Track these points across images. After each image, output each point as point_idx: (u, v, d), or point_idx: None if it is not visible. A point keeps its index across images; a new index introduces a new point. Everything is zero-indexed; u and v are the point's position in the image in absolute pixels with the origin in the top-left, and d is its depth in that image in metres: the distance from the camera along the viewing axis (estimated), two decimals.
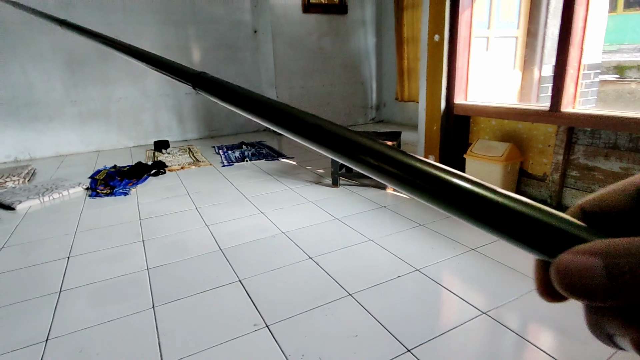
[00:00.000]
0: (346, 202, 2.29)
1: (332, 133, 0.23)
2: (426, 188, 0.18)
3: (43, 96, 3.76)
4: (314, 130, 0.24)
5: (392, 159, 0.20)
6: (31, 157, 3.84)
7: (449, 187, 0.18)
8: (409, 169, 0.19)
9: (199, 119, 4.57)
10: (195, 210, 2.26)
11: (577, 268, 0.13)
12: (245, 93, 0.31)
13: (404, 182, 0.19)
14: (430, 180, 0.18)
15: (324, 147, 0.23)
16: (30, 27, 3.58)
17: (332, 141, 0.23)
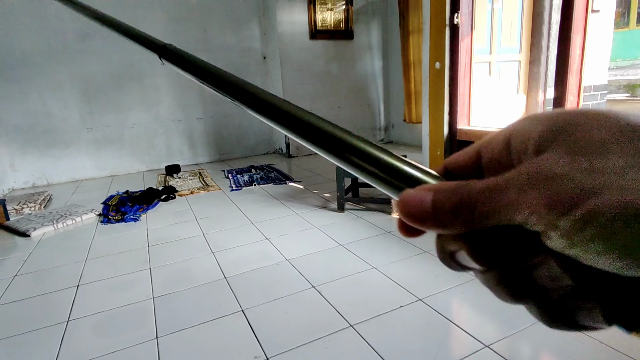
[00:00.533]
0: (351, 227, 2.29)
1: (273, 105, 0.25)
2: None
3: (60, 123, 3.91)
4: (264, 105, 0.26)
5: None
6: (48, 183, 3.96)
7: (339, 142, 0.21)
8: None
9: (210, 143, 4.67)
10: (202, 236, 2.29)
11: (413, 199, 0.17)
12: (207, 66, 0.33)
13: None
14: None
15: (269, 119, 0.25)
16: (49, 57, 3.76)
17: (274, 113, 0.25)
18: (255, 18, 4.61)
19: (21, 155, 3.80)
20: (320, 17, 4.50)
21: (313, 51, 4.55)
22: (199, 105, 4.51)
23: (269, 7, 4.44)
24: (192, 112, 4.51)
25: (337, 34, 4.63)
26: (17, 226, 2.57)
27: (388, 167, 0.19)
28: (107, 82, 4.02)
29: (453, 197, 0.16)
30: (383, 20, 4.90)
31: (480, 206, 0.15)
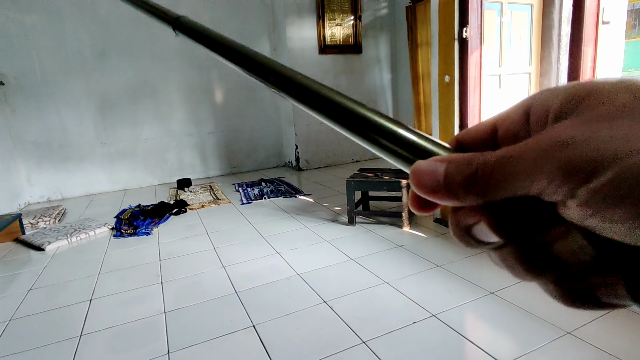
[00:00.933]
0: (362, 241, 2.28)
1: (291, 79, 0.25)
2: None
3: (76, 138, 4.00)
4: (280, 78, 0.27)
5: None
6: (63, 197, 4.03)
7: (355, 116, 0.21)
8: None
9: (221, 156, 4.72)
10: (213, 250, 2.30)
11: (425, 169, 0.17)
12: (221, 38, 0.34)
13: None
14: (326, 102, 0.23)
15: (286, 93, 0.26)
16: (67, 75, 3.87)
17: (290, 86, 0.25)
18: (265, 34, 4.70)
19: (37, 170, 3.89)
20: (329, 33, 4.56)
21: (322, 65, 4.60)
22: (210, 119, 4.58)
23: (279, 24, 4.52)
24: (204, 126, 4.57)
25: (346, 48, 4.68)
26: (32, 240, 2.61)
27: (400, 139, 0.19)
28: (122, 98, 4.11)
29: (466, 168, 0.16)
30: (391, 33, 4.95)
31: (495, 176, 0.15)
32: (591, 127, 0.14)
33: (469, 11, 2.09)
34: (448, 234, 2.29)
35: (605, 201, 0.13)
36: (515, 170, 0.14)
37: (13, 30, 3.63)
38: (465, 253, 2.00)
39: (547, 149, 0.14)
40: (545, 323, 1.38)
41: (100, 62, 3.97)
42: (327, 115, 0.23)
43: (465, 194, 0.16)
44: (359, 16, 4.67)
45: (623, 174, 0.12)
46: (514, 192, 0.15)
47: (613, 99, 0.14)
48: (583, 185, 0.13)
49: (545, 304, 1.49)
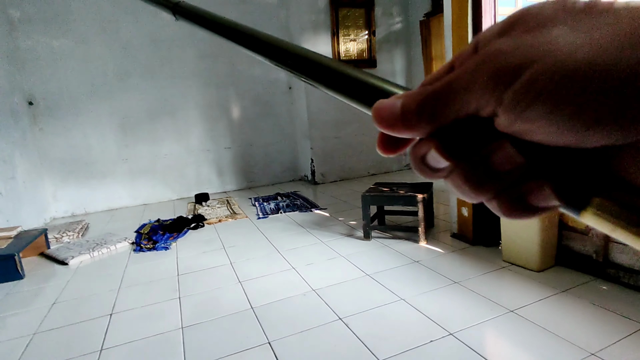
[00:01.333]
0: (378, 256, 2.26)
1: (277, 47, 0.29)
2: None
3: (99, 156, 4.14)
4: (270, 48, 0.30)
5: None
6: (86, 212, 4.16)
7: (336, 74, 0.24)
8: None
9: (237, 171, 4.79)
10: (230, 265, 2.32)
11: (385, 106, 0.18)
12: (220, 19, 0.36)
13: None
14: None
15: (275, 61, 0.29)
16: (91, 96, 4.03)
17: (276, 53, 0.28)
18: None
19: (62, 186, 4.03)
20: (344, 48, 4.62)
21: None
22: (227, 135, 4.67)
23: (294, 41, 4.61)
24: (221, 141, 4.66)
25: (361, 62, 4.73)
26: (56, 254, 2.70)
27: (366, 85, 0.22)
28: (143, 116, 4.25)
29: (418, 97, 0.17)
30: (406, 47, 4.98)
31: (441, 98, 0.16)
32: (519, 39, 0.15)
33: (482, 26, 2.09)
34: (466, 249, 2.25)
35: (524, 101, 0.14)
36: (456, 88, 0.16)
37: (43, 54, 3.83)
38: (484, 269, 1.96)
39: (480, 62, 0.16)
40: (568, 343, 1.33)
41: (123, 82, 4.13)
42: (301, 71, 0.26)
43: (417, 121, 0.17)
44: (373, 31, 4.73)
45: (538, 74, 0.14)
46: (457, 112, 0.16)
47: (541, 13, 0.15)
48: (507, 90, 0.14)
49: (569, 324, 1.45)
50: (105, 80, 4.07)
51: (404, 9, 4.89)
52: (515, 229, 1.94)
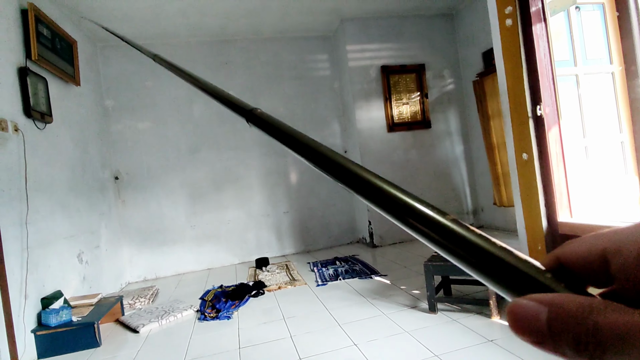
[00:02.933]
0: (446, 333, 2.10)
1: (370, 184, 0.24)
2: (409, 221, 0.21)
3: (170, 223, 4.47)
4: (355, 179, 0.25)
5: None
6: (156, 277, 4.41)
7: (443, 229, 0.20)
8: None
9: (296, 234, 4.87)
10: (290, 338, 2.28)
11: (524, 312, 0.15)
12: (292, 132, 0.34)
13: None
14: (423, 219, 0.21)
15: (360, 194, 0.25)
16: (166, 169, 4.47)
17: (369, 191, 0.24)
18: (335, 118, 5.03)
19: (138, 253, 4.36)
20: (397, 112, 4.74)
21: (391, 142, 4.72)
22: (285, 200, 4.84)
23: (348, 108, 4.84)
24: (280, 206, 4.83)
25: (415, 124, 4.79)
26: (129, 322, 2.85)
27: (488, 257, 0.18)
28: (209, 185, 4.59)
29: (576, 326, 0.14)
30: (460, 107, 4.98)
31: (609, 349, 0.14)
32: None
33: (540, 89, 2.05)
34: None
35: None
36: (632, 351, 0.13)
37: (129, 135, 4.39)
38: None
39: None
40: None
41: (193, 155, 4.55)
42: (404, 222, 0.22)
43: (574, 355, 0.14)
44: (426, 93, 4.82)
45: None
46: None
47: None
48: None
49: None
50: (178, 155, 4.52)
51: (455, 70, 4.97)
52: None
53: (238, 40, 4.76)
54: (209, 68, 4.66)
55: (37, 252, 2.55)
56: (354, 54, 4.66)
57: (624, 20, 2.22)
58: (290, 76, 4.90)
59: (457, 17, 4.94)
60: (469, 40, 4.75)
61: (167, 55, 3.42)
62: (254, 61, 4.81)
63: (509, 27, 2.15)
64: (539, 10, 2.03)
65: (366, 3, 4.33)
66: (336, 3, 4.22)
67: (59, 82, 3.21)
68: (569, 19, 2.30)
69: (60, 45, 3.17)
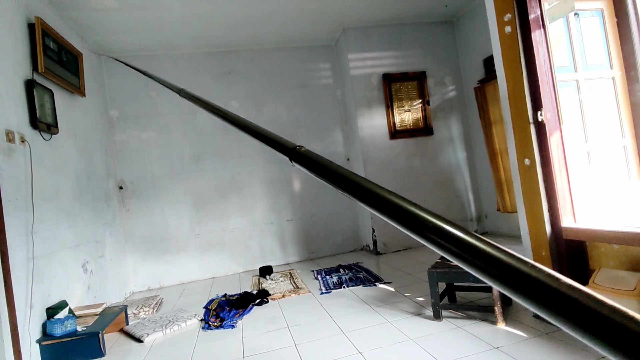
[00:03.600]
0: (451, 340, 2.08)
1: (417, 217, 0.24)
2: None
3: (174, 232, 4.49)
4: (400, 213, 0.25)
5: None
6: (160, 286, 4.42)
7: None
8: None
9: (299, 242, 4.87)
10: (294, 347, 2.27)
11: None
12: (336, 169, 0.32)
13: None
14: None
15: (409, 230, 0.24)
16: (171, 178, 4.50)
17: (417, 225, 0.24)
18: (338, 126, 5.06)
19: (142, 262, 4.38)
20: (399, 119, 4.75)
21: (394, 150, 4.73)
22: (289, 207, 4.85)
23: (350, 116, 4.86)
24: (283, 214, 4.84)
25: (417, 131, 4.80)
26: (133, 332, 2.85)
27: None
28: (213, 194, 4.61)
29: None
30: (462, 113, 4.99)
31: None
32: None
33: (541, 95, 2.06)
34: (553, 334, 1.99)
35: None
36: None
37: (133, 144, 4.43)
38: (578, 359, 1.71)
39: None
40: None
41: (197, 164, 4.58)
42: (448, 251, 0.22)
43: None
44: (427, 101, 4.84)
45: None
46: None
47: None
48: None
49: None
50: (183, 163, 4.55)
51: (456, 77, 5.00)
52: None
53: (241, 51, 4.82)
54: (213, 78, 4.72)
55: (42, 262, 2.56)
56: (355, 62, 4.70)
57: (623, 26, 2.24)
58: (293, 85, 4.94)
59: (458, 25, 4.98)
60: (469, 47, 4.78)
61: (170, 66, 3.51)
62: (256, 70, 4.86)
63: (509, 34, 2.17)
64: (538, 17, 2.05)
65: (367, 12, 4.38)
66: (338, 12, 4.27)
67: (65, 94, 3.26)
68: (568, 25, 2.32)
69: (66, 58, 3.23)
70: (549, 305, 0.20)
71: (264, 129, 0.50)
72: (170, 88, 0.86)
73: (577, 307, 0.19)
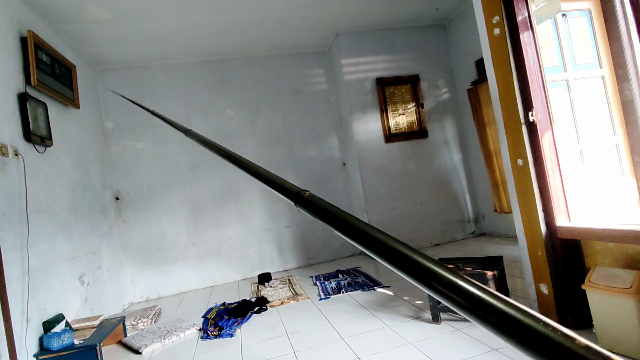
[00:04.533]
0: (450, 343, 2.07)
1: (414, 261, 0.24)
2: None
3: (171, 242, 4.47)
4: (399, 258, 0.25)
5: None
6: (159, 296, 4.39)
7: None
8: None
9: (297, 248, 4.86)
10: (293, 354, 2.26)
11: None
12: (338, 214, 0.32)
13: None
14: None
15: (408, 274, 0.24)
16: (167, 187, 4.49)
17: (414, 269, 0.23)
18: (333, 131, 5.07)
19: (140, 272, 4.35)
20: (394, 122, 4.77)
21: (389, 153, 4.74)
22: (286, 214, 4.84)
23: (345, 121, 4.88)
24: (281, 221, 4.83)
25: (412, 134, 4.82)
26: (132, 343, 2.83)
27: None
28: (210, 202, 4.60)
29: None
30: (456, 115, 5.01)
31: None
32: None
33: (531, 95, 2.08)
34: None
35: None
36: None
37: (129, 155, 4.43)
38: None
39: None
40: None
41: (193, 173, 4.58)
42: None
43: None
44: (421, 104, 4.86)
45: None
46: None
47: None
48: None
49: None
50: (179, 173, 4.55)
51: (449, 80, 5.03)
52: (610, 311, 1.70)
53: (235, 59, 4.84)
54: (207, 87, 4.73)
55: (38, 275, 2.55)
56: (349, 67, 4.73)
57: (611, 25, 2.26)
58: (287, 91, 4.96)
59: (449, 27, 5.02)
60: (461, 50, 4.82)
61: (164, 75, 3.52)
62: (251, 78, 4.88)
63: (497, 36, 2.19)
64: (526, 19, 2.07)
65: (359, 17, 4.41)
66: (329, 18, 4.30)
67: (59, 106, 3.26)
68: (557, 26, 2.34)
69: (60, 70, 3.23)
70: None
71: (269, 173, 0.51)
72: (176, 128, 0.88)
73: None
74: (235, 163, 0.60)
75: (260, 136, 4.81)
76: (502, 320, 0.22)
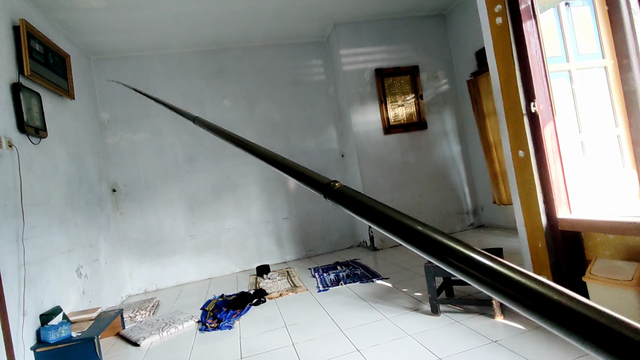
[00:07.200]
0: (449, 335, 2.07)
1: (454, 250, 0.22)
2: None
3: (169, 234, 4.45)
4: (435, 246, 0.24)
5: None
6: (157, 288, 4.38)
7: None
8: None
9: (296, 240, 4.85)
10: (292, 346, 2.26)
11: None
12: (377, 207, 0.30)
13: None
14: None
15: (449, 266, 0.23)
16: (164, 180, 4.46)
17: (458, 261, 0.22)
18: (331, 123, 5.03)
19: (138, 265, 4.34)
20: (393, 114, 4.73)
21: (388, 145, 4.71)
22: (285, 206, 4.82)
23: (344, 112, 4.84)
24: (279, 213, 4.81)
25: (411, 126, 4.78)
26: (130, 335, 2.82)
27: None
28: (208, 194, 4.58)
29: None
30: (455, 107, 4.98)
31: None
32: None
33: (533, 86, 2.05)
34: None
35: None
36: None
37: (125, 147, 4.38)
38: (579, 352, 1.70)
39: None
40: None
41: (191, 165, 4.54)
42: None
43: None
44: (421, 95, 4.82)
45: None
46: None
47: None
48: None
49: None
50: (176, 165, 4.51)
51: (449, 71, 4.98)
52: (611, 303, 1.69)
53: (231, 49, 4.77)
54: (203, 77, 4.67)
55: (34, 268, 2.52)
56: (347, 58, 4.67)
57: (615, 14, 2.22)
58: (285, 82, 4.90)
59: (449, 18, 4.96)
60: (461, 40, 4.76)
61: (160, 65, 3.47)
62: (248, 69, 4.81)
63: (500, 25, 2.15)
64: (529, 8, 2.03)
65: (358, 6, 4.35)
66: (328, 7, 4.23)
67: (53, 97, 3.21)
68: (559, 15, 2.30)
69: (54, 60, 3.17)
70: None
71: (294, 163, 0.47)
72: (184, 116, 0.84)
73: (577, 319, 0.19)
74: (250, 151, 0.56)
75: (258, 128, 4.77)
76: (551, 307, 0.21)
